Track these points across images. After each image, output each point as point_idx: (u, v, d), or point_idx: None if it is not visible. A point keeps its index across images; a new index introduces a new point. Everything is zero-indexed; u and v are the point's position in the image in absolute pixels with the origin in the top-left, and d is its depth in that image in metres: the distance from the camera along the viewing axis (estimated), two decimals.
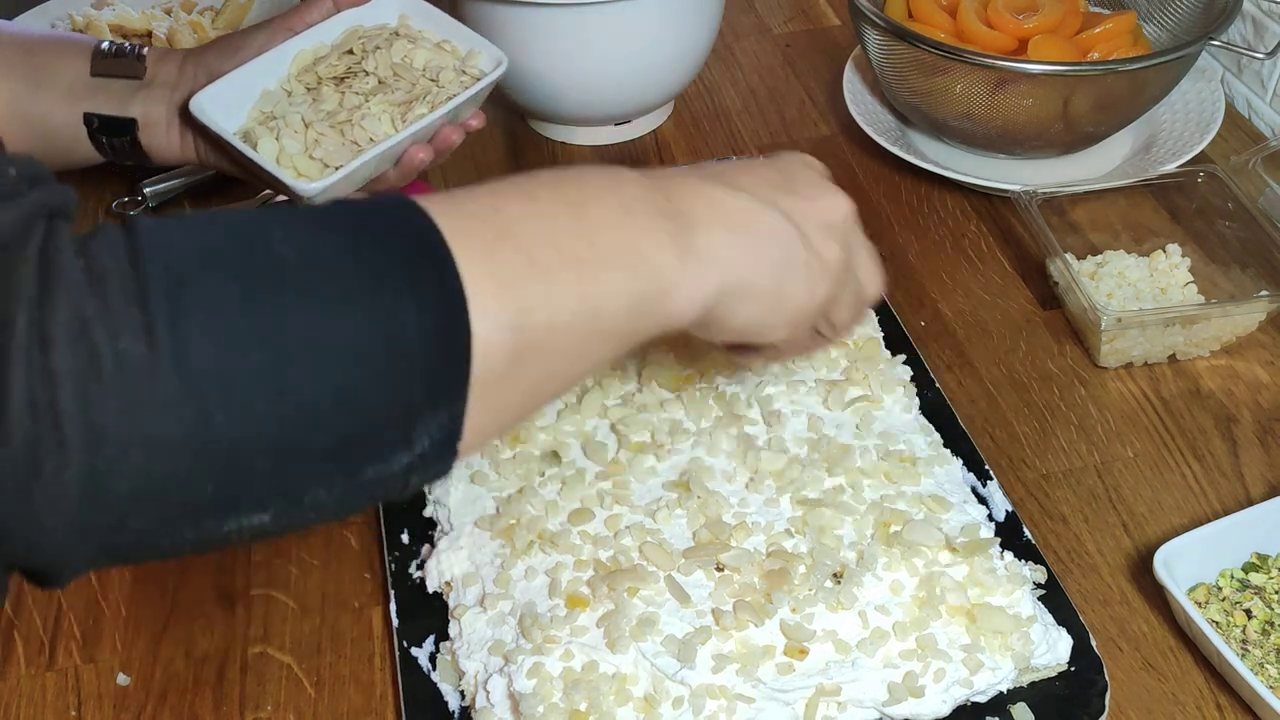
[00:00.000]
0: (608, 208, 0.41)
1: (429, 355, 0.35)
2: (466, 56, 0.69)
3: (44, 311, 0.30)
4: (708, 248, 0.42)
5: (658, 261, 0.41)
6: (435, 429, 0.36)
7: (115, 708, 0.56)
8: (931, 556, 0.55)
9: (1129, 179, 0.77)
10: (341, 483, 0.35)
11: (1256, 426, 0.67)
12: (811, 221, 0.46)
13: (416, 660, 0.55)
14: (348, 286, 0.34)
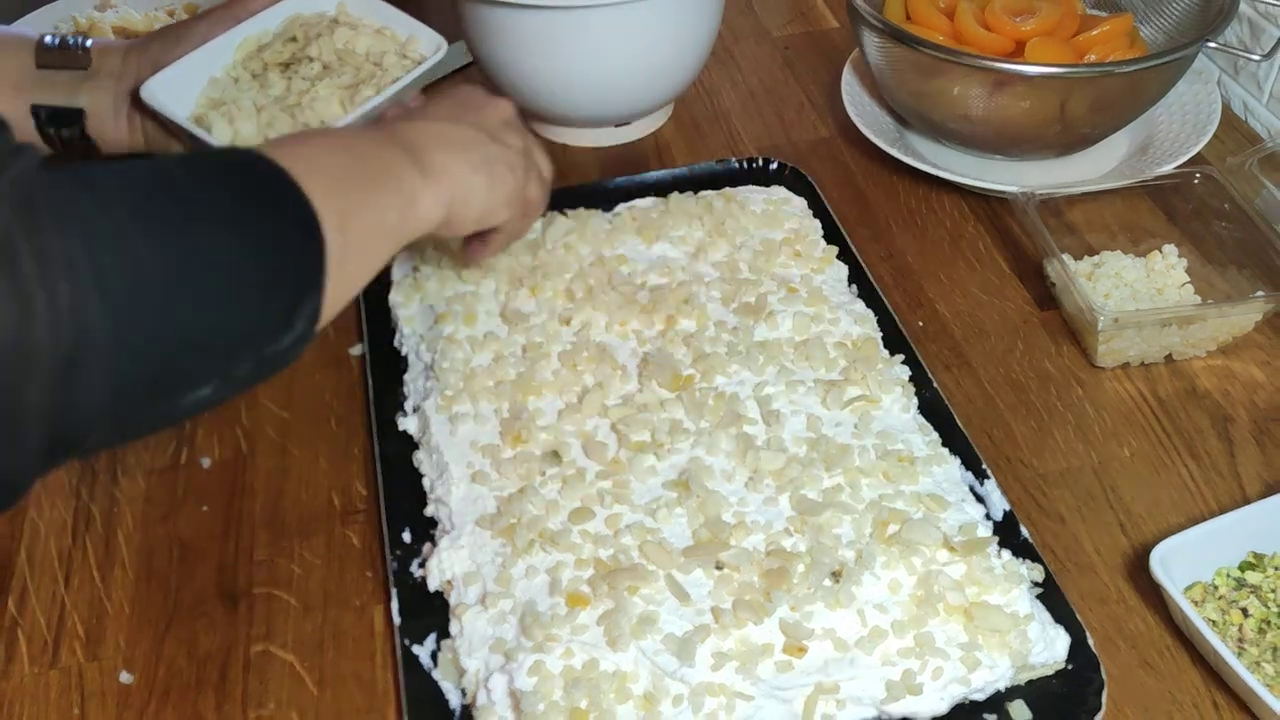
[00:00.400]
0: (368, 145, 0.54)
1: (302, 258, 0.46)
2: (406, 41, 0.72)
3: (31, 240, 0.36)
4: (436, 165, 0.55)
5: (409, 180, 0.54)
6: (307, 313, 0.46)
7: (118, 706, 0.56)
8: (929, 555, 0.56)
9: (1126, 180, 0.77)
10: (253, 356, 0.45)
11: (1252, 426, 0.67)
12: (493, 124, 0.61)
13: (418, 658, 0.55)
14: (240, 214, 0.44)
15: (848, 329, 0.68)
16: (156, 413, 0.43)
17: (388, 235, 0.53)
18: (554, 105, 0.85)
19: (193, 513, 0.65)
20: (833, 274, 0.73)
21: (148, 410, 0.42)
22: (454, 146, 0.57)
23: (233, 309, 0.43)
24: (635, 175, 0.83)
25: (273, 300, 0.45)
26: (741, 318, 0.68)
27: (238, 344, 0.44)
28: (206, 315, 0.42)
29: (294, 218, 0.46)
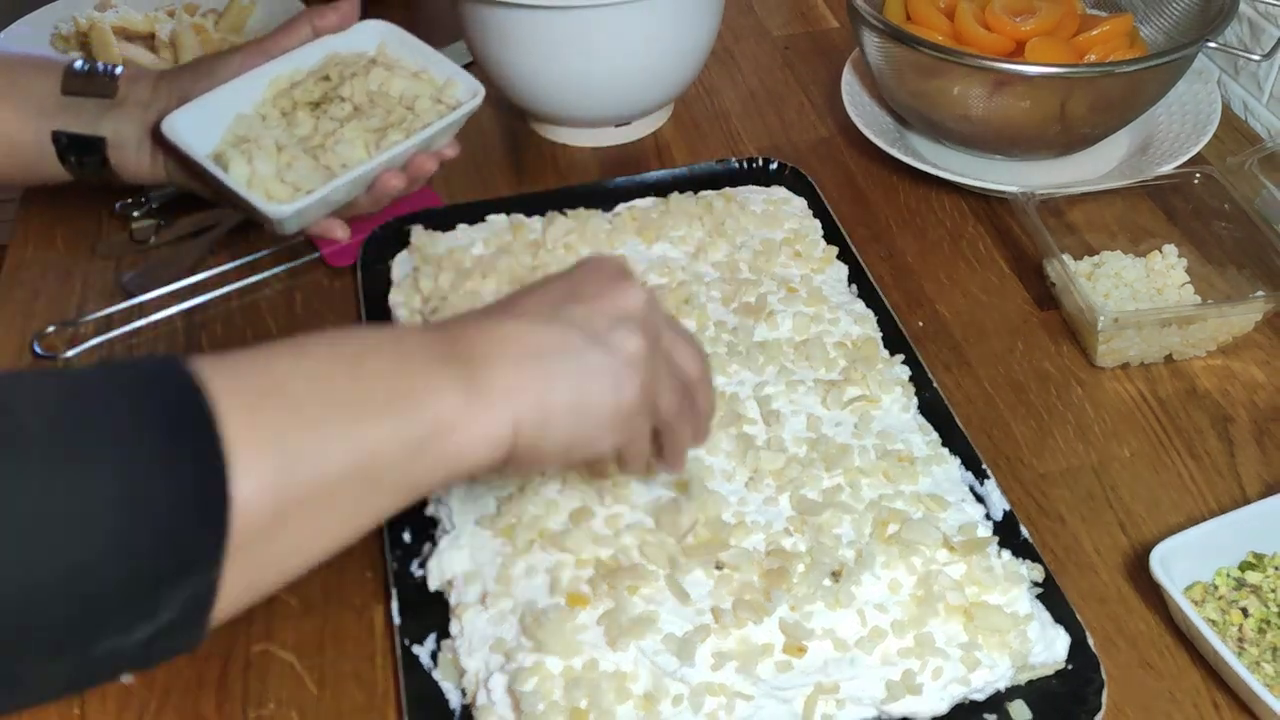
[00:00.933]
0: (384, 358, 0.40)
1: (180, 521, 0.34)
2: (443, 86, 0.69)
3: None
4: (494, 383, 0.42)
5: (436, 405, 0.40)
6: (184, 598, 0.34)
7: (118, 706, 0.56)
8: (929, 555, 0.56)
9: (1126, 180, 0.77)
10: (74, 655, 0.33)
11: (1252, 426, 0.67)
12: (603, 321, 0.45)
13: (418, 658, 0.55)
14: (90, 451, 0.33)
15: (848, 329, 0.68)
16: None
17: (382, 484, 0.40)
18: (554, 105, 0.86)
19: None
20: (833, 274, 0.73)
21: None
22: (530, 356, 0.43)
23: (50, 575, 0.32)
24: (635, 175, 0.83)
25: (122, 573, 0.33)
26: (741, 318, 0.68)
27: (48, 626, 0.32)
28: None
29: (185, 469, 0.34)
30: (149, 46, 0.92)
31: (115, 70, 0.67)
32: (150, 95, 0.66)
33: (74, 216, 0.85)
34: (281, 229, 0.65)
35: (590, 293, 0.46)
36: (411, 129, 0.67)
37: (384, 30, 0.70)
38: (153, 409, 0.34)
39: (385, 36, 0.70)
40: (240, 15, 0.96)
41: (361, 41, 0.70)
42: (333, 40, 0.69)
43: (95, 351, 0.74)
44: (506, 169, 0.89)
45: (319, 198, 0.63)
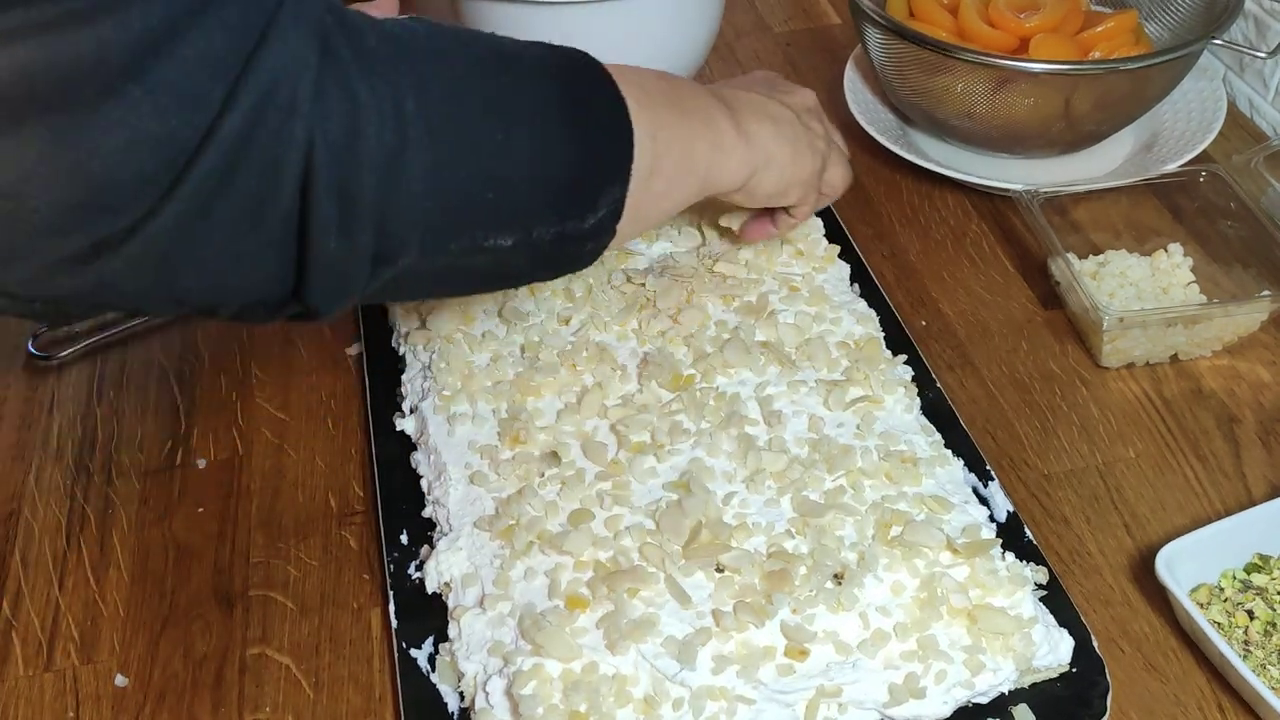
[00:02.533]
0: (692, 90, 0.57)
1: (611, 140, 0.49)
2: None
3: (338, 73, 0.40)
4: (749, 127, 0.58)
5: (724, 129, 0.56)
6: (610, 201, 0.49)
7: (113, 709, 0.56)
8: (933, 557, 0.55)
9: (1131, 178, 0.77)
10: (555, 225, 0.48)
11: (1259, 427, 0.67)
12: (799, 109, 0.63)
13: (416, 661, 0.55)
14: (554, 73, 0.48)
15: (850, 329, 0.67)
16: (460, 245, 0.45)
17: (693, 169, 0.55)
18: None
19: (188, 514, 0.64)
20: (834, 273, 0.72)
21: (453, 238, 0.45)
22: (766, 117, 0.59)
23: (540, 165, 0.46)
24: None
25: (579, 172, 0.48)
26: (743, 317, 0.68)
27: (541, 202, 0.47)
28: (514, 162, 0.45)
29: (609, 109, 0.49)
30: None
31: None
32: None
33: None
34: None
35: (785, 87, 0.66)
36: None
37: None
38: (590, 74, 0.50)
39: None
40: None
41: None
42: None
43: (90, 351, 0.74)
44: None
45: None
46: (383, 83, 0.41)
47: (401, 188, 0.42)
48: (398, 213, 0.42)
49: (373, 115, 0.40)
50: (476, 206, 0.45)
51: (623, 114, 0.50)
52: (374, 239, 0.42)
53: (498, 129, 0.45)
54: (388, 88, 0.41)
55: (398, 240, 0.43)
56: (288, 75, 0.38)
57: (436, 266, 0.46)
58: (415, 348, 0.68)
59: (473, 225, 0.45)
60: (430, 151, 0.42)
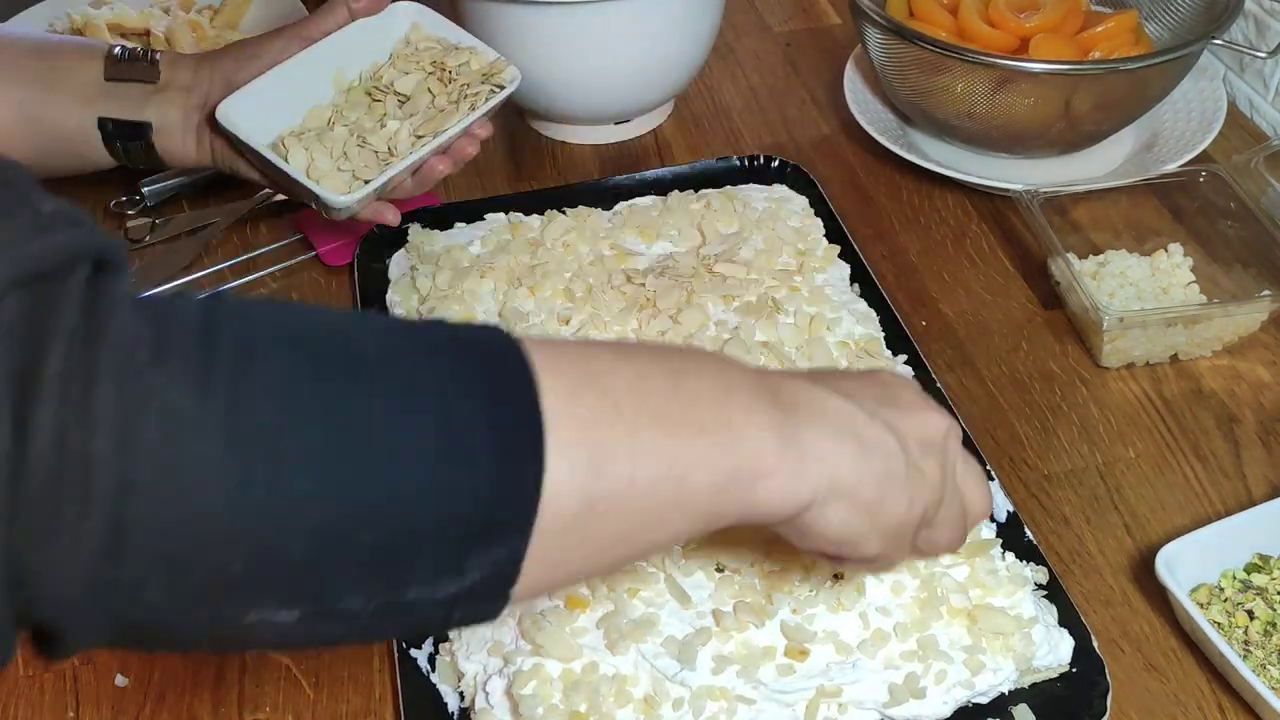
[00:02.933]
0: (708, 382, 0.39)
1: (496, 478, 0.33)
2: (489, 69, 0.71)
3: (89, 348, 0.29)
4: (812, 443, 0.40)
5: (756, 443, 0.39)
6: (490, 563, 0.34)
7: (113, 709, 0.55)
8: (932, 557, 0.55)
9: (1131, 178, 0.77)
10: (380, 595, 0.33)
11: (1259, 427, 0.67)
12: (913, 437, 0.44)
13: (415, 661, 0.55)
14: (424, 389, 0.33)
15: (850, 328, 0.67)
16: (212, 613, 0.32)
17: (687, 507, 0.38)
18: (553, 102, 0.85)
19: None
20: (835, 273, 0.72)
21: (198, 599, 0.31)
22: (851, 435, 0.41)
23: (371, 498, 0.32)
24: (635, 173, 0.83)
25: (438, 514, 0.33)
26: (743, 317, 0.68)
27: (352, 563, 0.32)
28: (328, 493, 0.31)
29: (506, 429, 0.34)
30: (144, 43, 0.92)
31: (155, 55, 0.67)
32: (192, 79, 0.67)
33: None
34: (338, 215, 0.67)
35: (904, 406, 0.45)
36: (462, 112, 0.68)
37: (416, 11, 0.72)
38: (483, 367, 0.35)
39: (418, 17, 0.72)
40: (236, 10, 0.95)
41: (395, 23, 0.71)
42: (367, 22, 0.70)
43: None
44: (505, 167, 0.88)
45: (375, 187, 0.65)
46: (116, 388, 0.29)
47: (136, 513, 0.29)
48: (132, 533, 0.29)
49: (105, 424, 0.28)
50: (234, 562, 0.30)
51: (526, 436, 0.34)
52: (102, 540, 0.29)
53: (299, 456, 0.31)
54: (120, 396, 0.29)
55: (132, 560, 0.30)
56: None
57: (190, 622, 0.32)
58: None
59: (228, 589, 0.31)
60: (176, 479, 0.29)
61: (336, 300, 0.77)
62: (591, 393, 0.36)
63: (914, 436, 0.44)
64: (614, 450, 0.35)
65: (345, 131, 0.68)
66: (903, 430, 0.43)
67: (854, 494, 0.41)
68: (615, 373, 0.37)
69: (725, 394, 0.39)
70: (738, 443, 0.38)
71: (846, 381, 0.44)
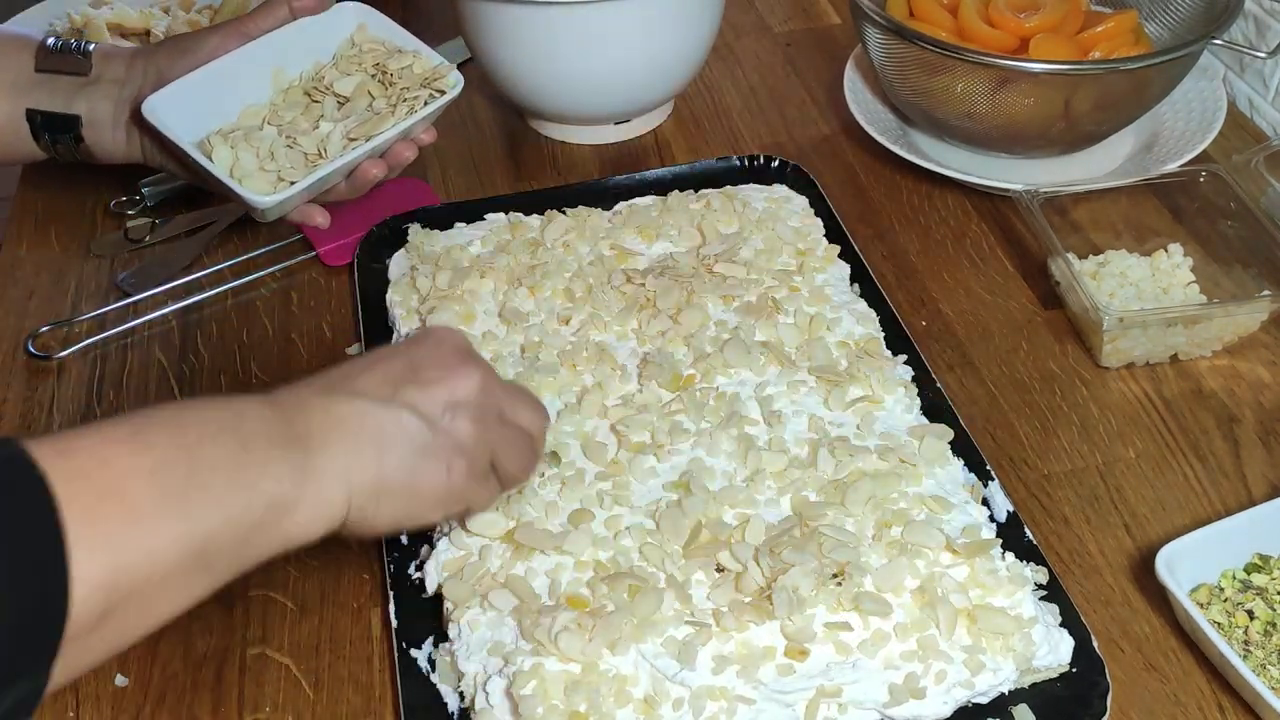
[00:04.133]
0: (223, 446, 0.41)
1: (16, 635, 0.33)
2: (432, 73, 0.69)
3: None
4: (329, 465, 0.43)
5: (272, 490, 0.41)
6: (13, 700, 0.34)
7: (113, 710, 0.55)
8: (933, 557, 0.55)
9: (1131, 178, 0.77)
10: None
11: (1259, 427, 0.67)
12: (437, 406, 0.47)
13: (415, 662, 0.55)
14: None
15: (850, 329, 0.67)
16: None
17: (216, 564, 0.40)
18: (553, 102, 0.85)
19: None
20: (835, 273, 0.72)
21: None
22: (365, 440, 0.45)
23: None
24: (635, 173, 0.83)
25: None
26: (743, 317, 0.68)
27: None
28: None
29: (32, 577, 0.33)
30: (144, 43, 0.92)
31: (88, 47, 0.66)
32: (125, 73, 0.66)
33: (68, 215, 0.84)
34: (262, 217, 0.65)
35: (429, 376, 0.48)
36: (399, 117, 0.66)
37: (362, 13, 0.71)
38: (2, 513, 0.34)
39: (363, 19, 0.71)
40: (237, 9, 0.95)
41: (339, 23, 0.70)
42: (310, 22, 0.68)
43: (89, 351, 0.74)
44: (505, 167, 0.88)
45: (300, 189, 0.64)
46: None
47: None
48: None
49: None
50: None
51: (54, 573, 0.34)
52: None
53: None
54: None
55: None
56: None
57: None
58: None
59: None
60: None
61: (337, 300, 0.77)
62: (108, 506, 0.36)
63: (439, 405, 0.48)
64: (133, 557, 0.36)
65: (275, 131, 0.66)
66: (425, 405, 0.47)
67: (385, 488, 0.45)
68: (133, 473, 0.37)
69: (241, 450, 0.41)
70: (256, 495, 0.41)
71: (365, 374, 0.48)
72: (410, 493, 0.47)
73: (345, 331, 0.74)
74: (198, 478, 0.39)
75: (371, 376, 0.48)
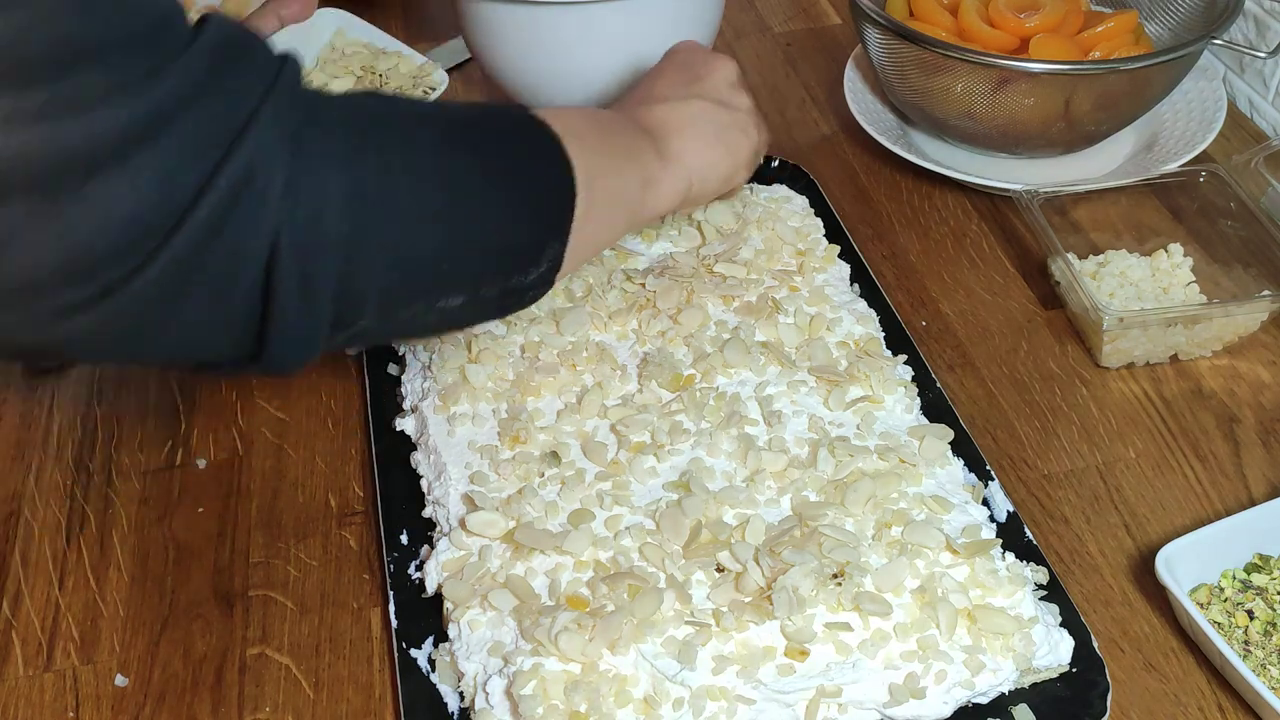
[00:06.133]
0: (619, 130, 0.59)
1: (555, 200, 0.51)
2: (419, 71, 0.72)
3: None
4: (674, 149, 0.60)
5: (650, 163, 0.59)
6: (552, 256, 0.52)
7: (113, 710, 0.56)
8: (933, 557, 0.55)
9: (1131, 178, 0.77)
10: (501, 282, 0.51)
11: (1259, 427, 0.67)
12: (722, 89, 0.64)
13: (416, 661, 0.55)
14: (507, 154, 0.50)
15: (850, 329, 0.67)
16: (412, 311, 0.48)
17: (627, 207, 0.57)
18: (553, 102, 0.85)
19: (188, 514, 0.64)
20: (834, 273, 0.72)
21: (405, 306, 0.47)
22: (689, 127, 0.61)
23: (490, 232, 0.49)
24: None
25: (526, 234, 0.51)
26: (743, 317, 0.68)
27: (491, 266, 0.50)
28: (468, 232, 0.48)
29: (552, 167, 0.51)
30: None
31: None
32: None
33: None
34: None
35: (702, 71, 0.65)
36: None
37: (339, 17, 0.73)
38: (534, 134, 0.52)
39: (342, 23, 0.73)
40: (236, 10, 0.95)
41: (319, 28, 0.73)
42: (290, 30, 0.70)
43: None
44: None
45: None
46: (346, 171, 0.42)
47: (361, 269, 0.44)
48: (357, 289, 0.44)
49: (337, 204, 0.42)
50: (431, 276, 0.47)
51: (566, 173, 0.52)
52: (333, 310, 0.44)
53: (455, 203, 0.47)
54: (350, 176, 0.42)
55: (355, 310, 0.45)
56: (261, 168, 0.39)
57: (390, 326, 0.49)
58: (415, 348, 0.68)
59: (426, 292, 0.48)
60: (391, 233, 0.44)
61: None
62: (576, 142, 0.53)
63: (722, 88, 0.64)
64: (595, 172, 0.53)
65: None
66: (714, 92, 0.63)
67: (712, 161, 0.62)
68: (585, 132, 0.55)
69: (629, 134, 0.60)
70: (643, 163, 0.59)
71: (659, 84, 0.64)
72: (730, 160, 0.63)
73: None
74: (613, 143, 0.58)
75: (664, 85, 0.64)
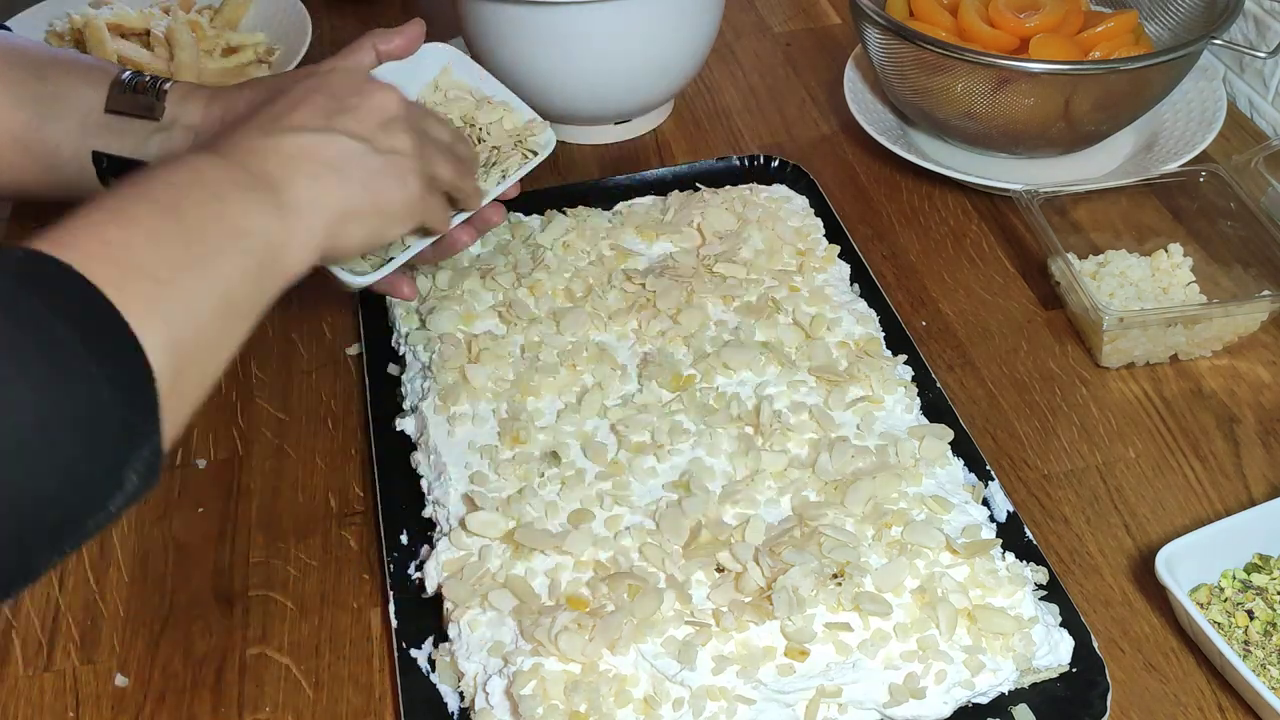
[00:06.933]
0: (200, 203, 0.44)
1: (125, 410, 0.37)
2: (522, 130, 0.65)
3: None
4: (300, 198, 0.47)
5: (264, 230, 0.45)
6: (143, 463, 0.38)
7: (113, 709, 0.55)
8: (933, 557, 0.55)
9: (1131, 178, 0.77)
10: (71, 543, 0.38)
11: (1259, 427, 0.67)
12: (373, 126, 0.51)
13: (416, 662, 0.55)
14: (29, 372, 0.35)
15: (850, 329, 0.67)
16: None
17: (241, 308, 0.44)
18: (553, 102, 0.85)
19: (188, 514, 0.64)
20: (835, 273, 0.72)
21: None
22: (323, 169, 0.48)
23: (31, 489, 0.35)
24: (635, 173, 0.83)
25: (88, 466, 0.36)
26: (743, 317, 0.68)
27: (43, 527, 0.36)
28: None
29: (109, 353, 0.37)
30: (144, 43, 0.92)
31: (164, 85, 0.61)
32: (202, 118, 0.61)
33: None
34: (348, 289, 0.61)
35: (353, 101, 0.52)
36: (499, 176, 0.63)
37: (448, 54, 0.67)
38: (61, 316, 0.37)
39: (449, 61, 0.67)
40: (235, 11, 0.95)
41: (424, 65, 0.65)
42: (394, 66, 0.63)
43: None
44: None
45: (394, 267, 0.60)
46: None
47: None
48: None
49: None
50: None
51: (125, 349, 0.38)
52: None
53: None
54: None
55: None
56: None
57: None
58: (415, 348, 0.68)
59: None
60: None
61: (337, 299, 0.76)
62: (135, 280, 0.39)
63: (373, 125, 0.51)
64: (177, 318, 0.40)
65: None
66: (360, 128, 0.51)
67: (351, 211, 0.49)
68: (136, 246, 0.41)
69: (217, 204, 0.44)
70: (250, 241, 0.45)
71: (294, 111, 0.50)
72: (375, 210, 0.51)
73: (345, 331, 0.74)
74: (192, 234, 0.42)
75: (301, 112, 0.50)
